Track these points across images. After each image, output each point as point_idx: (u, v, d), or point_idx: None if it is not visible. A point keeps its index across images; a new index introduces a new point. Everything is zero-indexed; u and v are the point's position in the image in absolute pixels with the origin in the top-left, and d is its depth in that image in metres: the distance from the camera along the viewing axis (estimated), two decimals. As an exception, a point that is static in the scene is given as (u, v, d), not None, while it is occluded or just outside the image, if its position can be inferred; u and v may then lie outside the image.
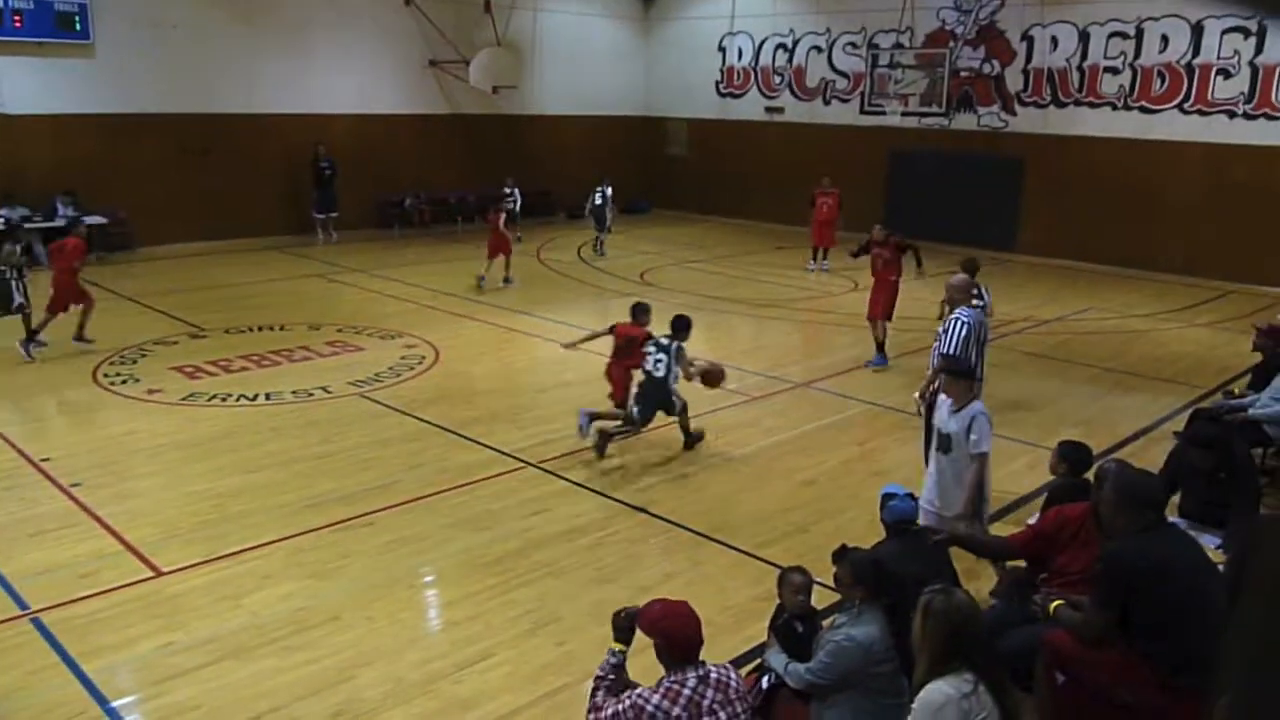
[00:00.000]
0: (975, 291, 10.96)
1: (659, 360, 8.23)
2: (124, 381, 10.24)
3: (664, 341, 8.34)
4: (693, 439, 8.65)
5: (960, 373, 6.11)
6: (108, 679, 5.07)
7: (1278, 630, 0.82)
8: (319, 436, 8.76)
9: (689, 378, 8.29)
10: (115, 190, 17.32)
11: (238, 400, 9.70)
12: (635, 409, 8.36)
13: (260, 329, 12.60)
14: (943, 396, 6.12)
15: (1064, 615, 4.10)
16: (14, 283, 11.15)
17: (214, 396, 9.78)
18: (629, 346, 8.72)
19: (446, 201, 21.81)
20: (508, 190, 19.83)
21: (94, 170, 17.07)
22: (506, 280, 15.64)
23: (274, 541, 6.64)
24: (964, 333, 7.32)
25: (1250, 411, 7.98)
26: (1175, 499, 6.67)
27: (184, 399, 9.71)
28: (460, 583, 6.22)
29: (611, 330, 8.99)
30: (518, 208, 19.94)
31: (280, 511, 7.13)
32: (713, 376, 8.42)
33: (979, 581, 6.01)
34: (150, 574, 6.17)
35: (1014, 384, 10.96)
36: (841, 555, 4.29)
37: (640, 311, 8.92)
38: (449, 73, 21.50)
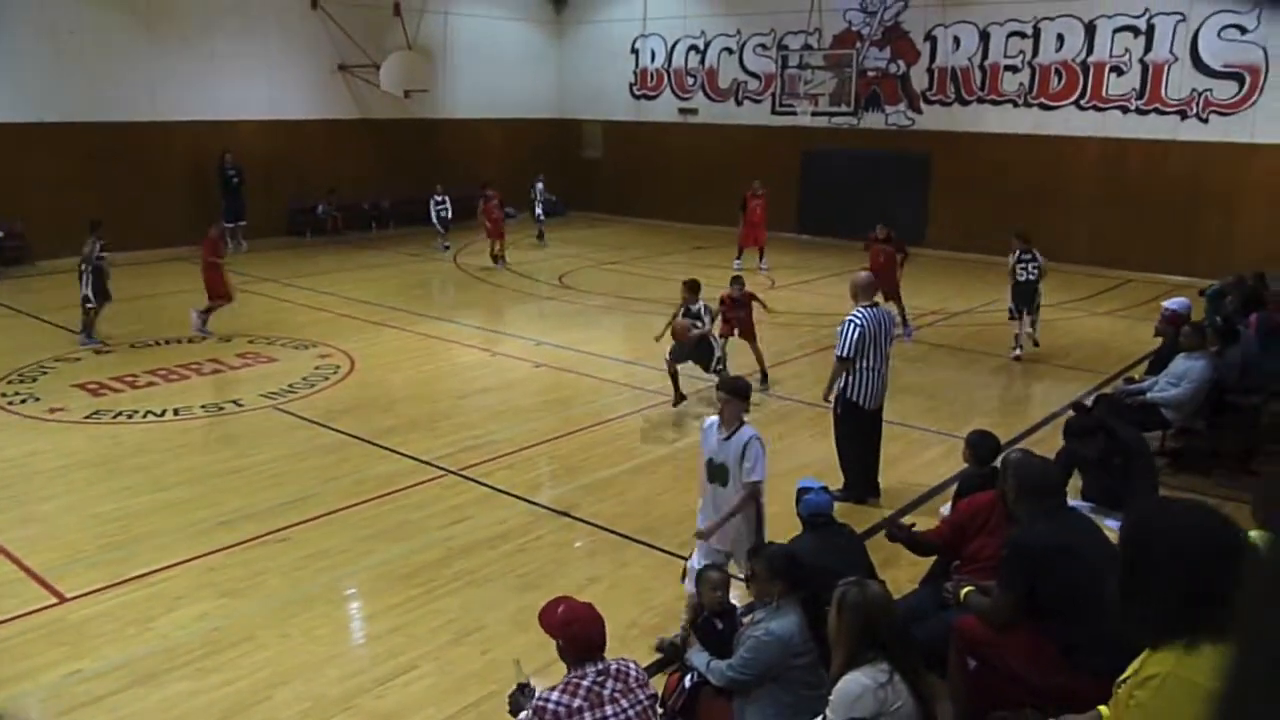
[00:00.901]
0: (1028, 255, 12.04)
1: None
2: (24, 401, 9.86)
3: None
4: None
5: (735, 391, 5.44)
6: (12, 711, 4.88)
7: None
8: (231, 451, 8.55)
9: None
10: (11, 202, 16.68)
11: (145, 416, 9.41)
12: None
13: (168, 342, 12.26)
14: (711, 419, 5.49)
15: (974, 601, 4.21)
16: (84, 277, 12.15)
17: (119, 413, 9.48)
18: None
19: (360, 207, 21.50)
20: (439, 198, 19.70)
21: (-14, 182, 16.42)
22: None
23: (184, 561, 6.45)
24: (855, 335, 7.18)
25: (1148, 395, 8.29)
26: (1079, 485, 6.91)
27: (88, 417, 9.39)
28: (380, 595, 6.13)
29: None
30: (449, 214, 19.81)
31: (191, 530, 6.93)
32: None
33: (895, 570, 6.13)
34: (54, 600, 5.95)
35: (926, 375, 11.22)
36: (756, 551, 4.33)
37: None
38: (359, 77, 21.19)
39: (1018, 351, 11.96)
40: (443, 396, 10.49)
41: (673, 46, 23.83)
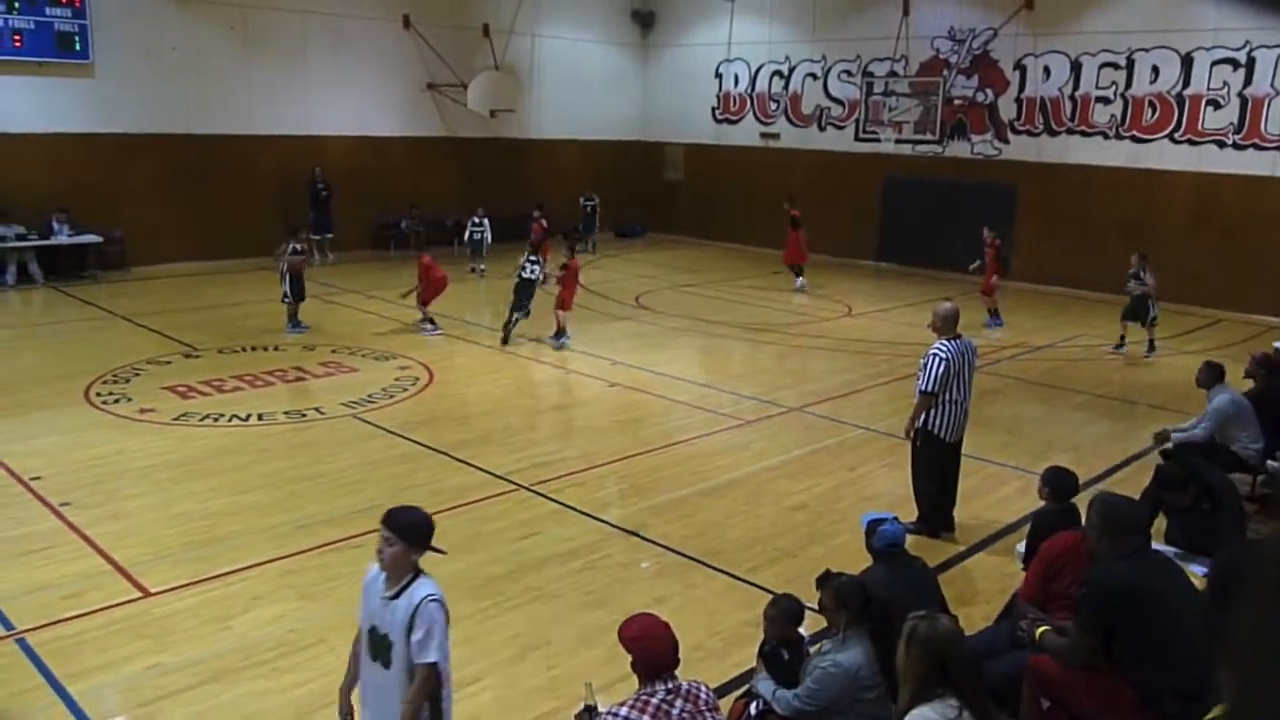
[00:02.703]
0: (1138, 274, 13.35)
1: None
2: (116, 401, 10.23)
3: None
4: None
5: (402, 528, 3.90)
6: (93, 701, 5.05)
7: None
8: (310, 458, 8.75)
9: None
10: (111, 209, 17.38)
11: (230, 420, 9.70)
12: None
13: (254, 349, 12.61)
14: (373, 569, 3.95)
15: (1049, 641, 4.12)
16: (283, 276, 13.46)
17: (206, 416, 9.78)
18: None
19: (443, 223, 21.87)
20: (477, 220, 19.72)
21: (91, 189, 17.14)
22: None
23: (263, 563, 6.62)
24: (940, 369, 7.05)
25: (1173, 434, 8.15)
26: (1162, 528, 6.71)
27: (176, 419, 9.70)
28: (450, 605, 6.18)
29: None
30: (488, 237, 19.81)
31: (270, 533, 7.11)
32: None
33: (969, 607, 6.02)
34: (138, 594, 6.15)
35: (1005, 409, 11.00)
36: (825, 580, 4.30)
37: None
38: (447, 95, 21.63)
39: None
40: (516, 412, 10.61)
41: (756, 71, 23.86)
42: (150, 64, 17.68)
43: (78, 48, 16.71)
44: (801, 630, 4.57)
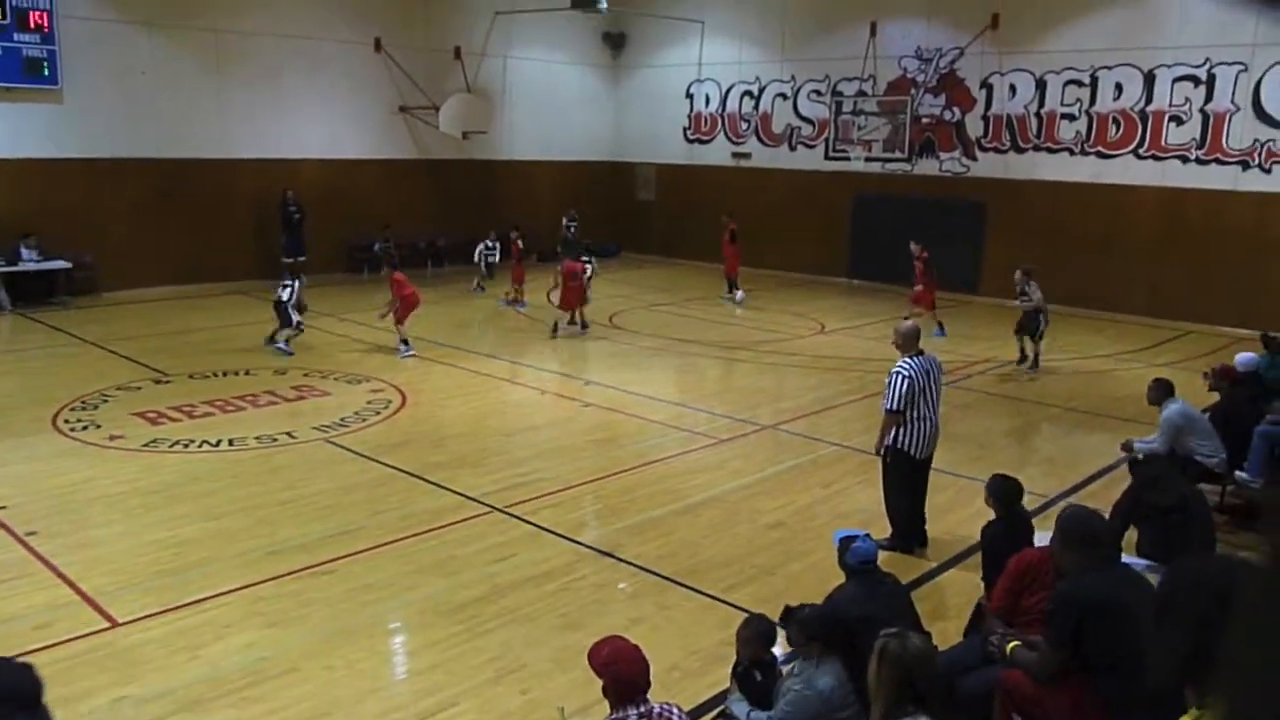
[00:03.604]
0: (1023, 290, 13.48)
1: None
2: (85, 428, 10.12)
3: None
4: None
5: None
6: (60, 733, 4.96)
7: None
8: (282, 483, 8.68)
9: None
10: (81, 234, 17.25)
11: (200, 446, 9.61)
12: None
13: (225, 374, 12.51)
14: None
15: (1020, 655, 4.14)
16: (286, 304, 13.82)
17: (176, 442, 9.68)
18: None
19: (416, 245, 21.83)
20: (490, 243, 19.90)
21: (60, 214, 17.02)
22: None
23: (233, 590, 6.55)
24: (904, 386, 7.08)
25: (1136, 446, 8.26)
26: (1134, 539, 6.76)
27: (146, 445, 9.60)
28: (423, 630, 6.16)
29: None
30: (496, 259, 19.99)
31: (241, 559, 7.04)
32: None
33: (943, 622, 6.04)
34: (106, 625, 6.06)
35: (976, 424, 11.08)
36: (789, 617, 4.31)
37: None
38: (419, 118, 21.65)
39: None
40: (491, 433, 10.57)
41: (727, 91, 24.04)
42: (121, 88, 17.59)
43: (46, 73, 16.60)
44: (775, 650, 4.57)
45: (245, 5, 18.88)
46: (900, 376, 7.15)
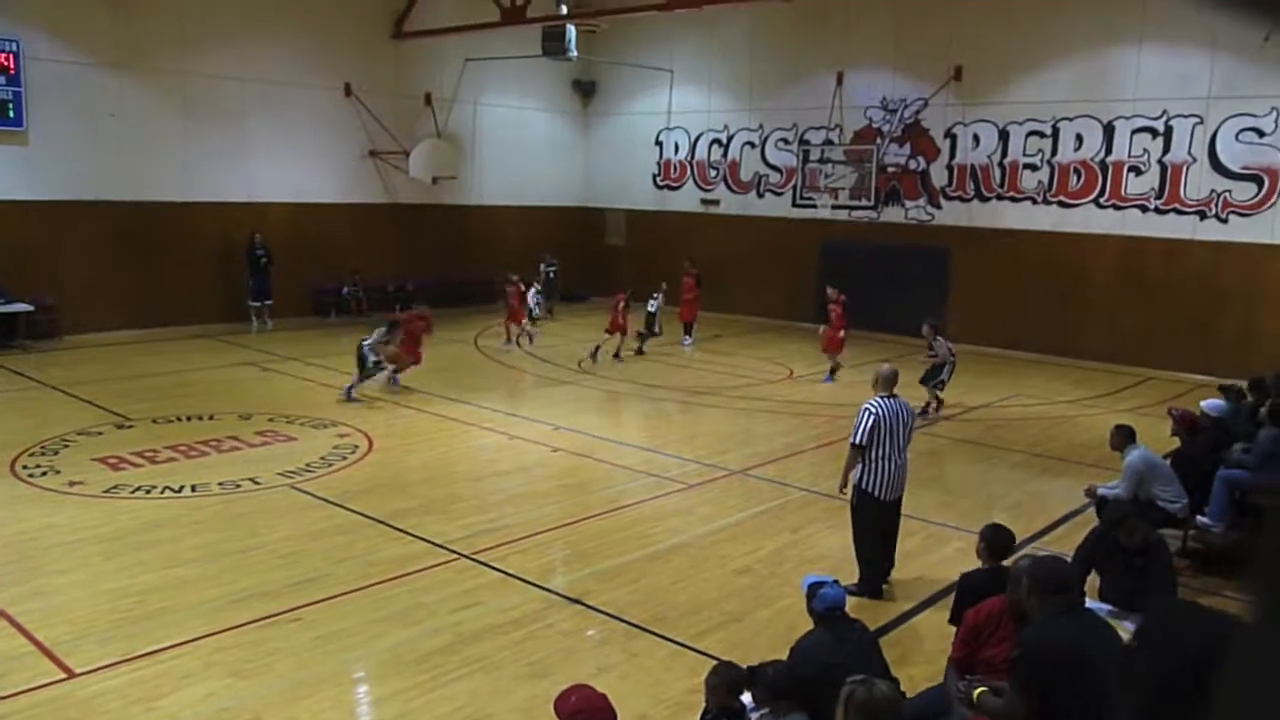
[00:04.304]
0: (930, 345, 13.60)
1: None
2: (44, 473, 9.94)
3: None
4: None
5: None
6: (11, 789, 4.83)
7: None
8: (245, 529, 8.56)
9: None
10: (44, 277, 17.07)
11: (162, 492, 9.46)
12: None
13: (189, 419, 12.36)
14: None
15: (986, 702, 4.15)
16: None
17: (138, 489, 9.54)
18: None
19: (385, 289, 21.79)
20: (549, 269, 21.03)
21: (22, 257, 16.85)
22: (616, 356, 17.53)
23: (194, 640, 6.42)
24: (869, 422, 7.25)
25: (1100, 491, 8.35)
26: (1097, 583, 6.81)
27: (106, 491, 9.45)
28: (389, 679, 6.07)
29: None
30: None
31: (202, 608, 6.92)
32: None
33: (911, 668, 6.04)
34: (63, 675, 5.92)
35: (943, 469, 11.16)
36: (752, 679, 4.31)
37: None
38: (388, 163, 21.72)
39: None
40: (458, 479, 10.51)
41: (696, 139, 24.33)
42: (87, 131, 17.52)
43: (11, 115, 16.52)
44: (744, 699, 4.54)
45: (214, 49, 18.93)
46: (868, 413, 7.31)
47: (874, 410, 7.31)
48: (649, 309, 18.83)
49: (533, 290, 19.71)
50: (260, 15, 19.48)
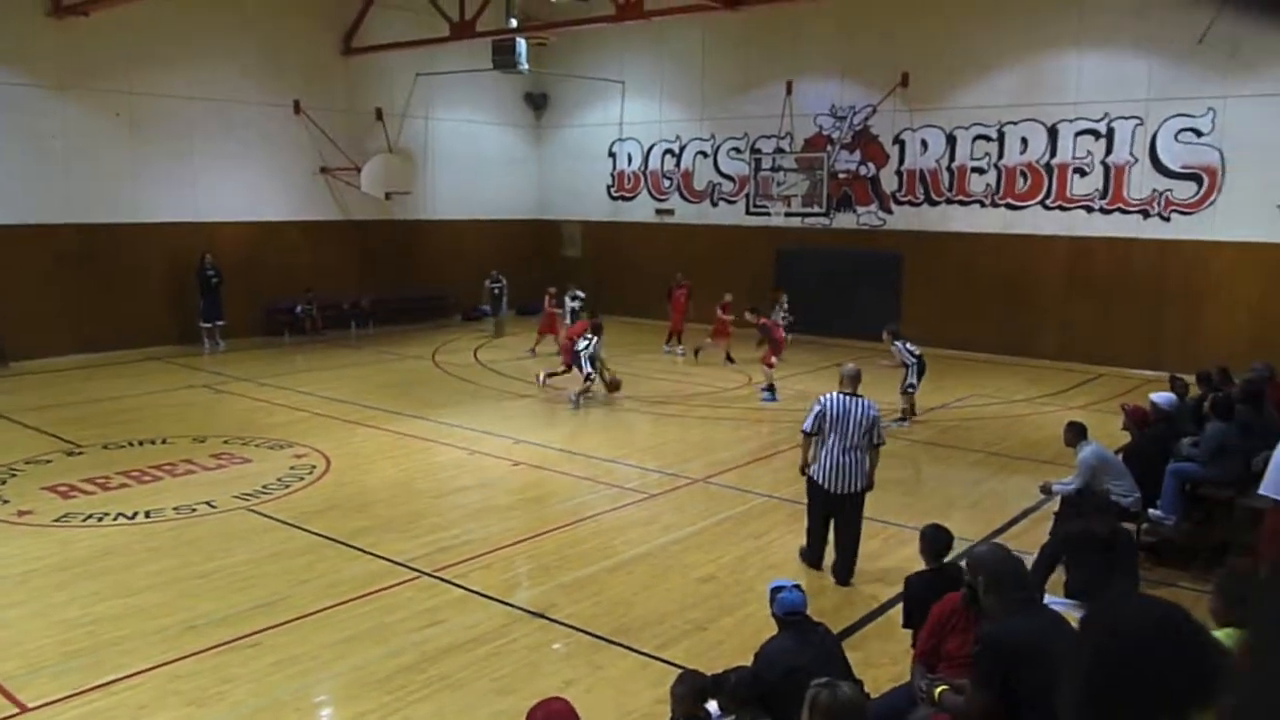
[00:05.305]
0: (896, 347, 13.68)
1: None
2: (-9, 504, 9.71)
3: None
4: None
5: None
6: (-38, 830, 4.71)
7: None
8: (201, 554, 8.42)
9: None
10: (-13, 303, 16.71)
11: (115, 519, 9.28)
12: None
13: (141, 443, 12.15)
14: None
15: (948, 700, 4.18)
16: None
17: (90, 516, 9.35)
18: None
19: (339, 307, 21.62)
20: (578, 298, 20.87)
21: (-36, 284, 16.46)
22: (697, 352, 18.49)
23: (150, 669, 6.29)
24: (816, 410, 7.80)
25: (1054, 488, 8.49)
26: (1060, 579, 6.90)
27: (57, 520, 9.25)
28: (352, 702, 5.99)
29: None
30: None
31: (158, 636, 6.79)
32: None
33: (875, 669, 6.07)
34: (15, 710, 5.78)
35: (902, 471, 11.26)
36: (718, 689, 4.33)
37: None
38: (340, 179, 21.55)
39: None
40: (419, 496, 10.41)
41: (649, 150, 24.42)
42: (30, 153, 17.20)
43: (-50, 139, 16.19)
44: (709, 707, 4.55)
45: (160, 68, 18.68)
46: (817, 404, 7.84)
47: (822, 402, 7.81)
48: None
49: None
50: (206, 33, 19.27)
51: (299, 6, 20.82)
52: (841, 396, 7.82)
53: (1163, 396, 9.94)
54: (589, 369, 14.60)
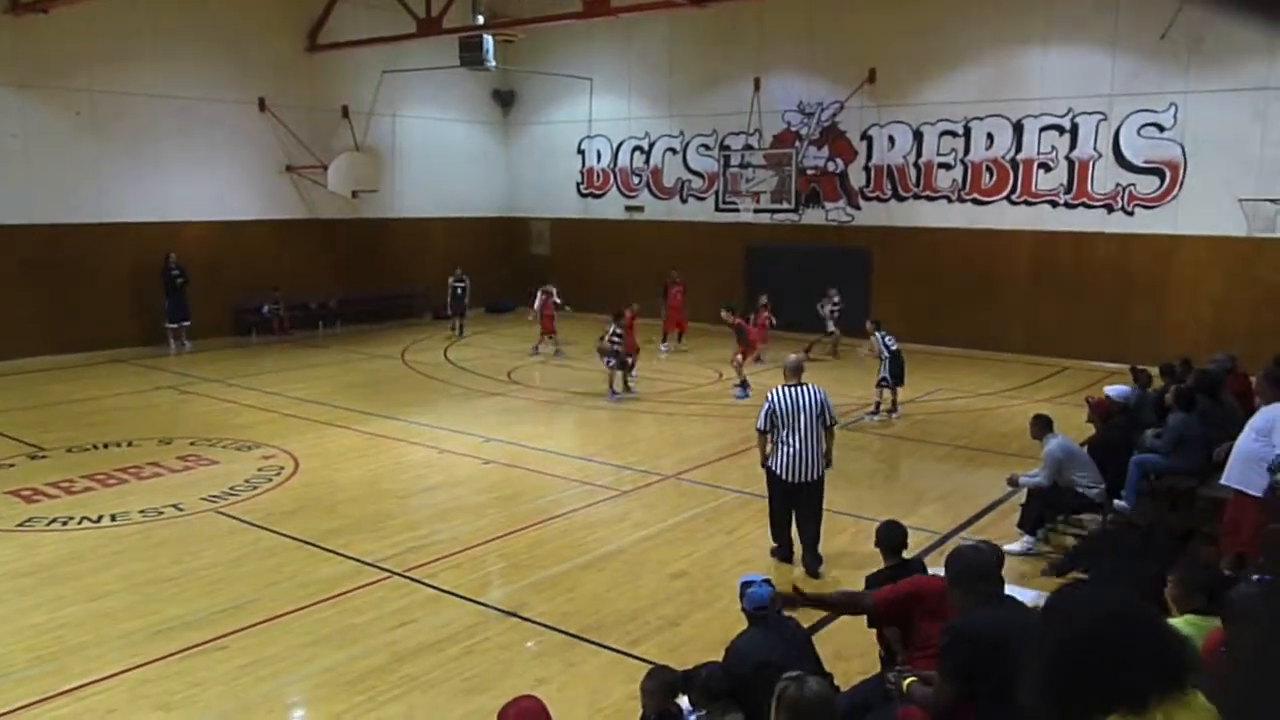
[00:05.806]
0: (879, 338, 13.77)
1: None
2: (-48, 510, 9.56)
3: None
4: None
5: None
6: (-75, 840, 4.64)
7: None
8: (169, 557, 8.34)
9: None
10: (-54, 306, 16.43)
11: (80, 523, 9.17)
12: None
13: (106, 446, 12.00)
14: None
15: (916, 691, 4.22)
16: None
17: (54, 520, 9.23)
18: None
19: (307, 306, 21.45)
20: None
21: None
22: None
23: (118, 674, 6.23)
24: (765, 407, 8.00)
25: (1021, 481, 8.61)
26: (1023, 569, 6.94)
27: (20, 525, 9.12)
28: (323, 704, 5.96)
29: None
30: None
31: (125, 640, 6.72)
32: None
33: (845, 663, 6.12)
34: (-23, 719, 5.71)
35: (871, 464, 11.34)
36: (688, 684, 4.35)
37: None
38: (307, 177, 21.37)
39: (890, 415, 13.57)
40: (388, 496, 10.36)
41: (618, 147, 24.40)
42: (-13, 153, 16.94)
43: (-95, 138, 15.90)
44: (681, 702, 4.57)
45: (122, 65, 18.44)
46: (766, 401, 8.04)
47: (770, 398, 8.03)
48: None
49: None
50: (169, 30, 19.03)
51: (263, 2, 20.62)
52: (787, 389, 8.03)
53: (1117, 389, 10.11)
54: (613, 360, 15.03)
